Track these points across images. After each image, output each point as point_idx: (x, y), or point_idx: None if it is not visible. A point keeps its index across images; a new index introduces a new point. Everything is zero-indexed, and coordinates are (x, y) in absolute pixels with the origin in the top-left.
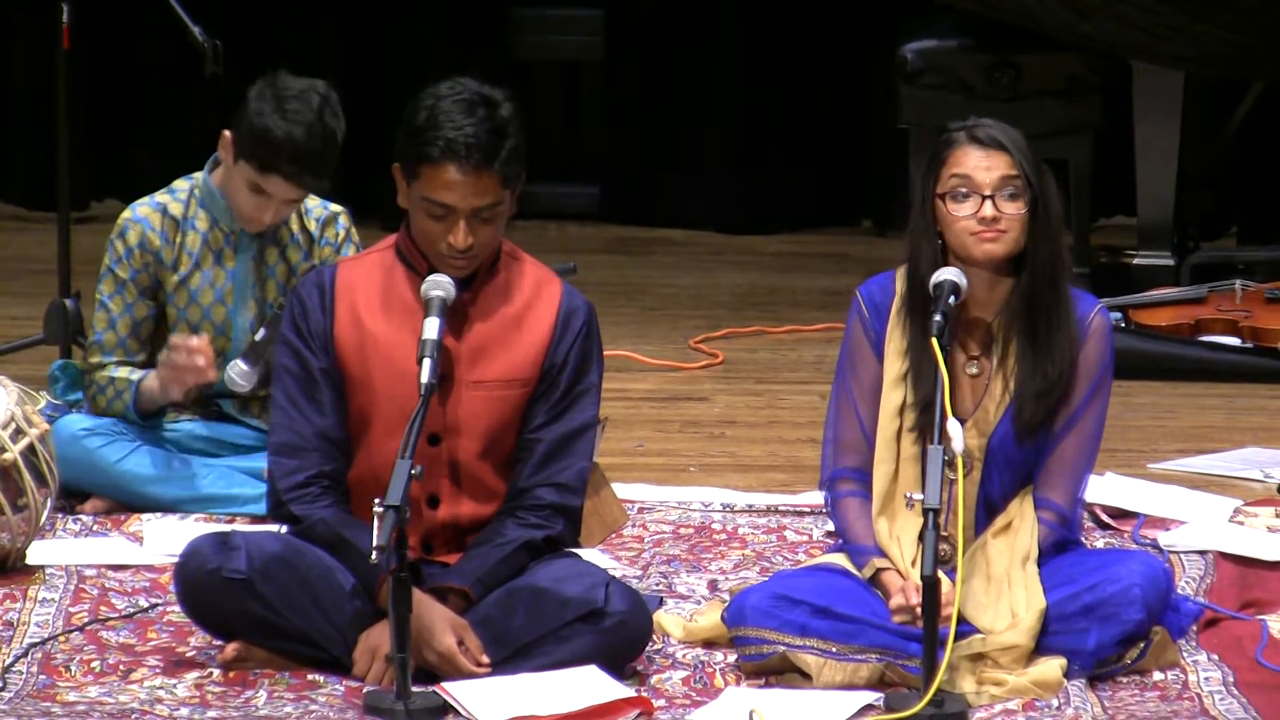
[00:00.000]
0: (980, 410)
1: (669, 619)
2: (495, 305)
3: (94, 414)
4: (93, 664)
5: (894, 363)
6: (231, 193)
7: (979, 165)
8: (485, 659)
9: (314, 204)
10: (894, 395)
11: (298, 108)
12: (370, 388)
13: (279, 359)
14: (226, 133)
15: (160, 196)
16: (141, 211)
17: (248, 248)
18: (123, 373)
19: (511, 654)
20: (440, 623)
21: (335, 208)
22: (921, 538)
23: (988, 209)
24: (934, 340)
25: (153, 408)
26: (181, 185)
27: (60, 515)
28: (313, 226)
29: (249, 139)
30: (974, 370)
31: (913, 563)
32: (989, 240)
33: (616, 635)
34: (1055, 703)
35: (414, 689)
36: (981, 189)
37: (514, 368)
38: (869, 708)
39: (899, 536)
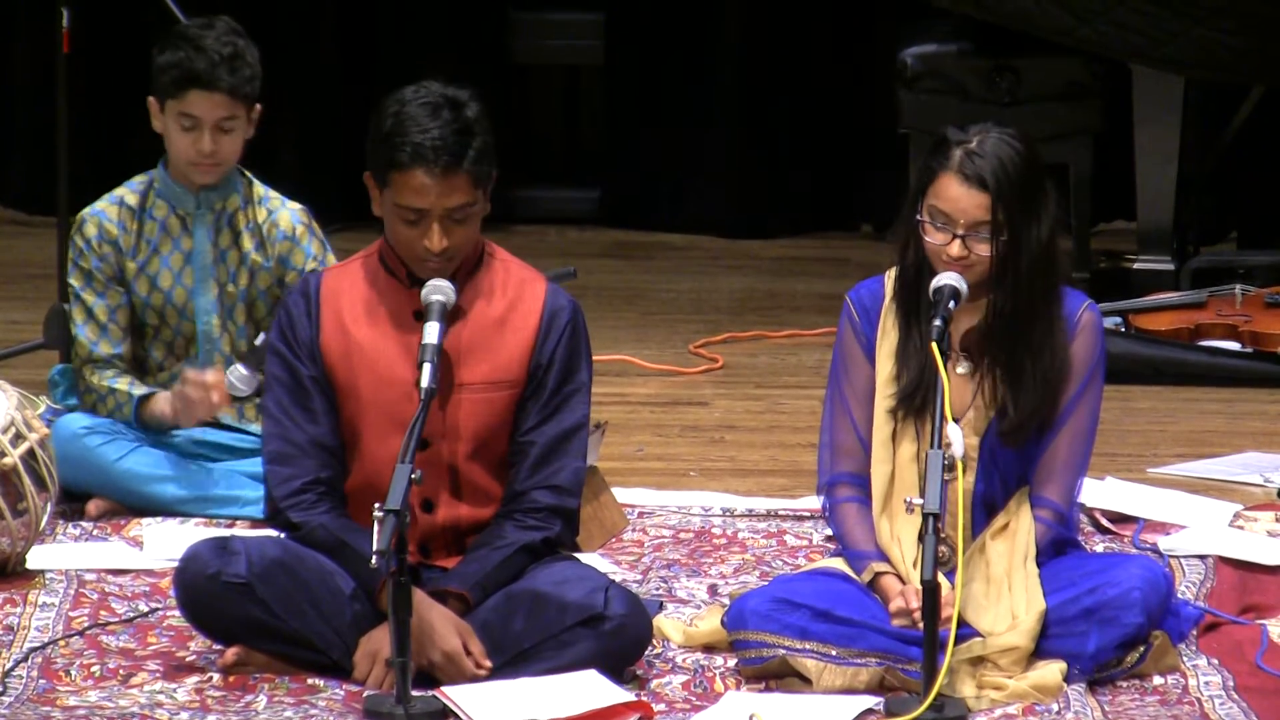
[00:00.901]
0: (973, 409)
1: (669, 623)
2: (479, 307)
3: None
4: (93, 668)
5: (886, 364)
6: (172, 150)
7: (956, 204)
8: (488, 663)
9: (271, 195)
10: (887, 396)
11: (198, 32)
12: (358, 395)
13: (270, 369)
14: (150, 99)
15: (117, 191)
16: (98, 206)
17: (203, 227)
18: (122, 384)
19: (511, 659)
20: (444, 624)
21: (293, 204)
22: (921, 541)
23: (955, 248)
24: (934, 345)
25: (157, 428)
26: (139, 179)
27: (60, 520)
28: (263, 218)
29: (162, 76)
30: (963, 370)
31: (914, 564)
32: (958, 272)
33: (616, 639)
34: (1055, 707)
35: (414, 693)
36: (954, 227)
37: (500, 369)
38: (869, 712)
39: (899, 537)
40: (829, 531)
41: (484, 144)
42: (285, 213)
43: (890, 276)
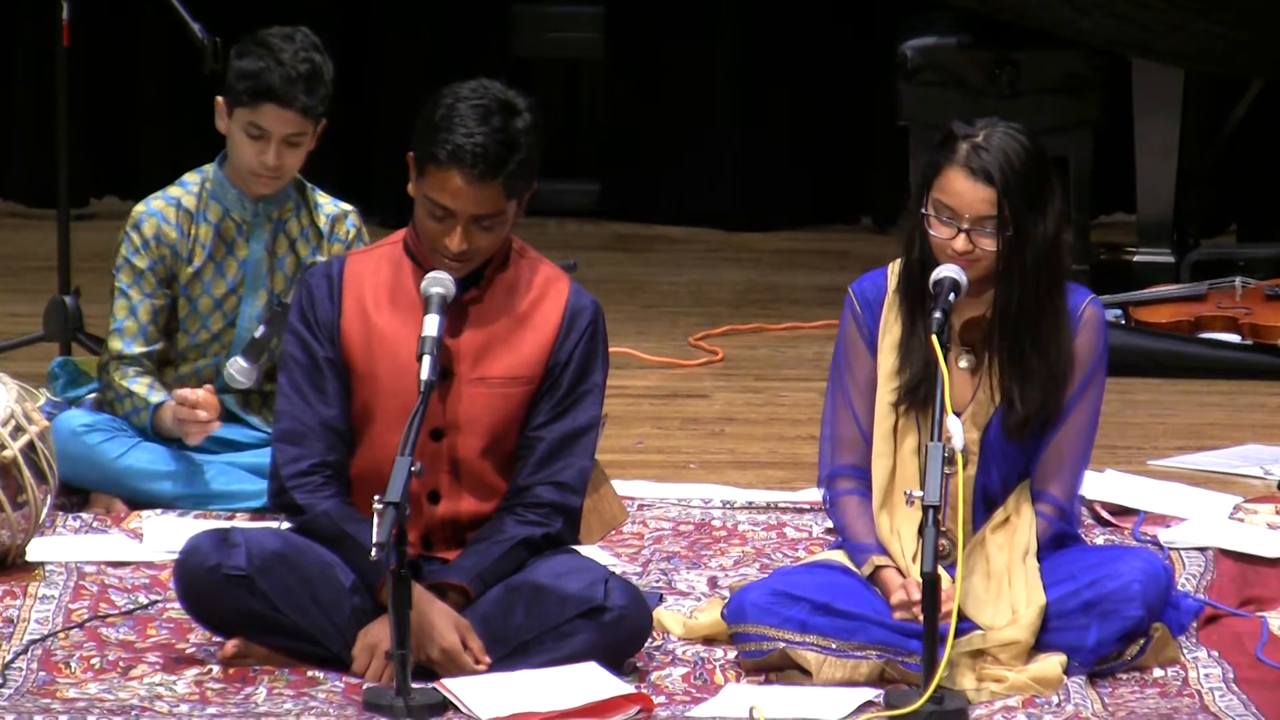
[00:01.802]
0: (975, 403)
1: (669, 616)
2: (501, 302)
3: (108, 414)
4: (92, 660)
5: (889, 358)
6: (234, 154)
7: (961, 198)
8: (487, 659)
9: (324, 200)
10: (890, 390)
11: (279, 43)
12: (374, 381)
13: (286, 348)
14: (219, 98)
15: (173, 190)
16: (156, 205)
17: (260, 236)
18: (140, 388)
19: (511, 651)
20: (444, 620)
21: (346, 206)
22: (921, 534)
23: (960, 242)
24: (934, 338)
25: (170, 437)
26: (192, 178)
27: (60, 512)
28: (322, 222)
29: (237, 82)
30: (965, 364)
31: (913, 558)
32: (963, 268)
33: (616, 631)
34: (1055, 699)
35: (413, 685)
36: (960, 221)
37: (517, 365)
38: (869, 704)
39: (899, 531)
40: (829, 524)
41: (525, 159)
42: (340, 214)
43: (893, 269)
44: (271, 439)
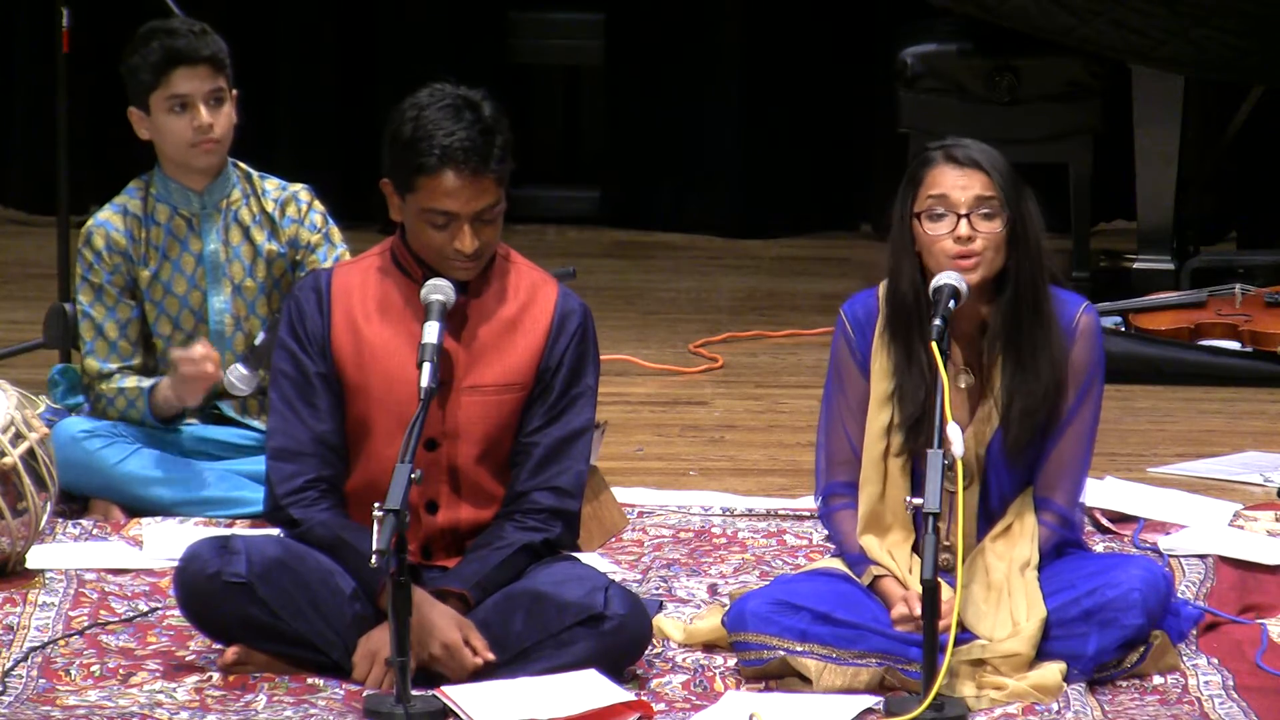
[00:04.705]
0: (976, 421)
1: (669, 623)
2: (491, 309)
3: (101, 419)
4: (92, 668)
5: (880, 383)
6: (166, 145)
7: (955, 184)
8: (490, 654)
9: (272, 186)
10: (880, 415)
11: (161, 23)
12: (368, 394)
13: (276, 363)
14: (131, 109)
15: (118, 199)
16: (103, 216)
17: (212, 228)
18: (131, 382)
19: (511, 658)
20: (444, 619)
21: (294, 186)
22: (918, 545)
23: (963, 228)
24: (934, 345)
25: (170, 414)
26: (136, 184)
27: (60, 519)
28: (271, 208)
29: (140, 73)
30: (964, 383)
31: (909, 571)
32: (965, 270)
33: (616, 638)
34: (1055, 707)
35: (414, 693)
36: (957, 208)
37: (510, 372)
38: (869, 712)
39: (891, 551)
40: (828, 531)
41: (505, 142)
42: (289, 196)
43: (883, 290)
44: (265, 455)
